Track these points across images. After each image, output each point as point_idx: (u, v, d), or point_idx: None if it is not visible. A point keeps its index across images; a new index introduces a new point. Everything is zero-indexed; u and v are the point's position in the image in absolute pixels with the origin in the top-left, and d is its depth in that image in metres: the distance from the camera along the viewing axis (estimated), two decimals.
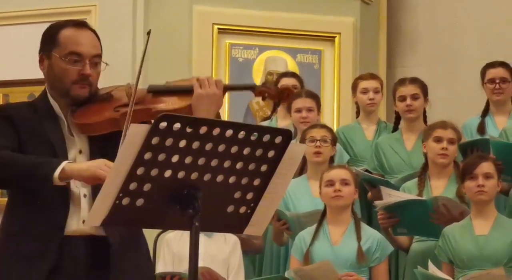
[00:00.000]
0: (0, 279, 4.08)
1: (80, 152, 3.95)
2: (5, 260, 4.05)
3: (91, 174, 3.63)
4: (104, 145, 3.72)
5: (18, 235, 4.01)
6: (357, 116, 7.45)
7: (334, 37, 8.59)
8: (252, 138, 3.50)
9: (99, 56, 4.09)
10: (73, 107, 4.00)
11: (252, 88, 5.02)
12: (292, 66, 8.36)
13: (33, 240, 3.94)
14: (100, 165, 3.64)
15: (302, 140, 6.31)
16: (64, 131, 3.85)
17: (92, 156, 3.92)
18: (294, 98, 7.00)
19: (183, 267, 5.30)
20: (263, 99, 6.26)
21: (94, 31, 4.17)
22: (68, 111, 4.02)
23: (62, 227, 3.91)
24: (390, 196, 6.32)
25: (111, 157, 3.55)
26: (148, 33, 5.18)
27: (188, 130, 3.38)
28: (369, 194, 6.65)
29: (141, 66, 4.07)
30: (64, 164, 3.68)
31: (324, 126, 6.65)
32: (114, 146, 3.67)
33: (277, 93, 4.83)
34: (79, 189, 3.92)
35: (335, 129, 7.56)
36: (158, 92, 4.22)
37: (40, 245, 3.97)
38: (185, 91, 4.16)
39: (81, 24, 4.16)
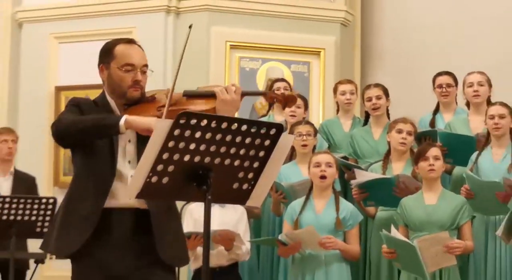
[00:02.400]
0: (59, 234, 4.08)
1: (129, 141, 3.99)
2: (63, 219, 4.06)
3: (146, 126, 3.66)
4: (147, 136, 3.65)
5: (75, 201, 4.01)
6: (337, 113, 7.43)
7: (320, 51, 8.59)
8: (252, 130, 3.58)
9: (146, 65, 4.14)
10: (126, 106, 4.06)
11: (264, 94, 5.19)
12: (287, 74, 8.34)
13: (84, 206, 3.94)
14: (152, 121, 3.66)
15: (291, 133, 6.23)
16: None
17: (138, 144, 3.96)
18: None
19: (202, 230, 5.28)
20: (273, 103, 6.30)
21: (140, 46, 4.21)
22: (122, 109, 4.06)
23: (106, 194, 3.93)
24: (362, 176, 6.38)
25: None
26: (190, 27, 5.27)
27: (202, 124, 3.45)
28: (346, 175, 6.67)
29: (178, 68, 4.09)
30: (126, 116, 3.75)
31: (308, 122, 6.65)
32: None
33: (284, 98, 4.68)
34: (128, 171, 3.95)
35: (320, 122, 7.65)
36: (190, 96, 4.23)
37: (91, 210, 3.97)
38: (211, 95, 4.15)
39: (131, 41, 4.22)
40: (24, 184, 7.33)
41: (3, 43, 8.91)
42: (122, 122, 3.72)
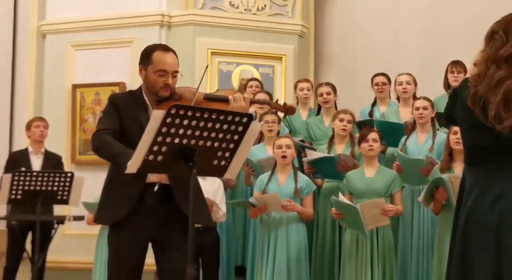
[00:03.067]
0: (106, 206, 4.11)
1: None
2: (108, 197, 4.10)
3: None
4: None
5: (116, 180, 4.02)
6: (297, 105, 7.37)
7: (282, 57, 8.58)
8: (229, 118, 3.58)
9: (177, 71, 4.10)
10: (157, 101, 4.05)
11: (269, 103, 5.16)
12: (256, 75, 8.27)
13: (127, 187, 3.94)
14: None
15: (260, 121, 6.32)
16: (150, 116, 3.71)
17: None
18: (257, 93, 7.14)
19: None
20: (276, 111, 6.26)
21: (174, 52, 4.15)
22: (154, 103, 4.05)
23: (144, 178, 3.94)
24: (311, 155, 6.44)
25: None
26: (206, 67, 5.23)
27: (189, 114, 3.48)
28: (302, 154, 6.70)
29: (201, 81, 4.07)
30: (130, 161, 3.55)
31: (273, 113, 6.60)
32: None
33: (285, 109, 4.75)
34: None
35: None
36: (209, 99, 4.21)
37: (134, 190, 3.99)
38: (225, 100, 4.15)
39: (167, 48, 4.16)
40: (52, 161, 7.30)
41: (30, 50, 8.86)
42: (127, 164, 3.57)
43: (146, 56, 4.11)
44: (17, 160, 7.17)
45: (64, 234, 7.87)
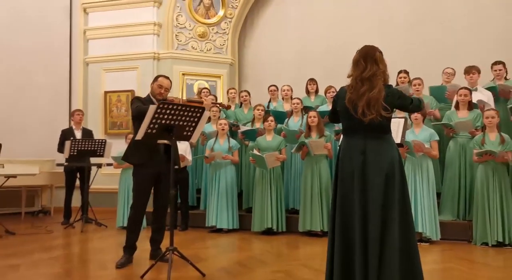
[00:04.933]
0: (134, 153, 3.94)
1: None
2: (136, 148, 3.91)
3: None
4: None
5: (138, 145, 3.86)
6: (228, 101, 7.21)
7: (220, 76, 8.45)
8: (192, 109, 3.58)
9: (168, 89, 4.04)
10: (157, 101, 3.94)
11: (219, 104, 5.03)
12: (207, 85, 8.16)
13: (148, 143, 3.77)
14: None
15: (209, 110, 6.22)
16: None
17: None
18: (208, 95, 6.99)
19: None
20: (220, 107, 6.01)
21: (169, 78, 4.10)
22: (157, 101, 3.94)
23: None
24: (242, 129, 6.37)
25: None
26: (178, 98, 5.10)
27: (170, 107, 3.42)
28: (233, 128, 6.58)
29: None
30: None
31: (218, 107, 6.45)
32: None
33: (225, 106, 4.92)
34: None
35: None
36: (191, 101, 4.08)
37: (152, 145, 3.87)
38: (200, 102, 4.02)
39: (165, 77, 4.09)
40: (87, 133, 7.09)
41: (79, 72, 8.54)
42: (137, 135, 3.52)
43: (155, 78, 4.09)
44: (67, 133, 6.94)
45: (102, 173, 7.72)
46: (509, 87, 5.69)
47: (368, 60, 2.68)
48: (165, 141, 3.83)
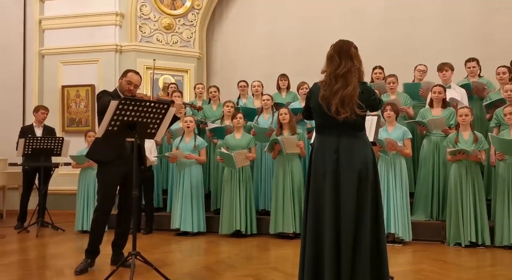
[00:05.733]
0: (100, 151, 3.86)
1: None
2: (101, 146, 3.84)
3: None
4: None
5: (107, 138, 3.69)
6: (195, 97, 7.20)
7: (188, 70, 8.39)
8: (156, 105, 3.54)
9: (138, 86, 3.97)
10: (125, 96, 3.80)
11: (188, 104, 5.13)
12: (173, 80, 8.09)
13: (115, 141, 3.75)
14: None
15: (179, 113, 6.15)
16: None
17: None
18: (174, 91, 6.89)
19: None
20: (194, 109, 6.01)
21: (139, 74, 4.04)
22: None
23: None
24: (210, 126, 6.33)
25: None
26: (154, 60, 5.38)
27: (132, 103, 3.36)
28: (201, 126, 6.59)
29: (153, 71, 4.00)
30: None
31: (186, 106, 6.31)
32: None
33: (194, 107, 5.13)
34: None
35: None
36: (161, 100, 3.93)
37: (120, 143, 3.82)
38: (169, 102, 3.93)
39: (136, 72, 4.01)
40: (49, 132, 6.97)
41: (35, 65, 8.32)
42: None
43: (124, 73, 4.01)
44: (27, 131, 6.83)
45: (59, 174, 7.58)
46: (482, 84, 5.84)
47: (343, 56, 2.65)
48: (131, 140, 3.75)
